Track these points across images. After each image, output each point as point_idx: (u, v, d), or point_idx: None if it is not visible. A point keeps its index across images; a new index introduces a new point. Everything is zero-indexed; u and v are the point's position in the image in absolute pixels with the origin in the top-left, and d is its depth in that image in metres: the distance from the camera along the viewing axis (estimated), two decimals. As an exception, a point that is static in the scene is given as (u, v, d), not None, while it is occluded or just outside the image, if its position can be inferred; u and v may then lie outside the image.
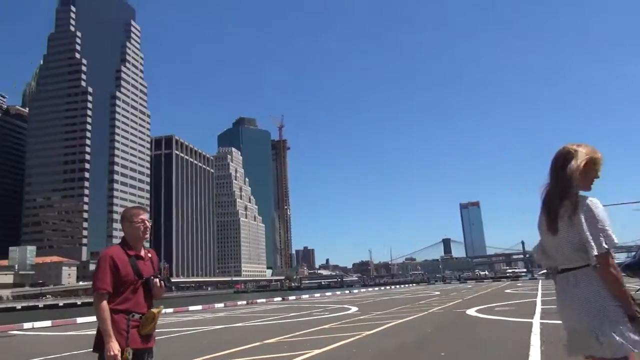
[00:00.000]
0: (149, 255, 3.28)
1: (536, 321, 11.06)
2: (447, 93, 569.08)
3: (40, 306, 71.82)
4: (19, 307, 69.29)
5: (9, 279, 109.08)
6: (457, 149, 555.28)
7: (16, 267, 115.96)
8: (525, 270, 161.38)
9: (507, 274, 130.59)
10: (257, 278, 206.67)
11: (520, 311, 14.43)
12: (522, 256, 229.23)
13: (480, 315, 13.77)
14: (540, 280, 60.04)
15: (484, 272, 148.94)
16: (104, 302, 2.97)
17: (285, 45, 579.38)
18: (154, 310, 3.07)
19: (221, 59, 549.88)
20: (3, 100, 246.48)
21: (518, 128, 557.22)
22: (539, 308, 15.11)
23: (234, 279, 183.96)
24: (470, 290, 36.55)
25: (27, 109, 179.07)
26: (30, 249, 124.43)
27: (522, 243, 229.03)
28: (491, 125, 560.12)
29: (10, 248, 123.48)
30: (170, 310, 27.25)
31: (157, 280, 3.14)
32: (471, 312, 15.18)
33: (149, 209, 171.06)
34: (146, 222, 3.25)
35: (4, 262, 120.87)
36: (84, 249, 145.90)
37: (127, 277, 3.02)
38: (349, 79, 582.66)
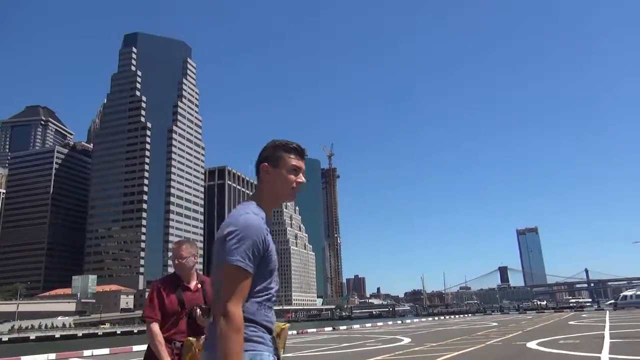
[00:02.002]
0: (199, 285, 3.38)
1: (604, 356, 10.31)
2: (502, 112, 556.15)
3: (99, 334, 74.23)
4: (80, 335, 71.82)
5: (71, 306, 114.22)
6: (512, 170, 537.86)
7: (78, 296, 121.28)
8: (590, 300, 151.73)
9: (571, 304, 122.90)
10: (307, 307, 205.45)
11: (587, 345, 13.50)
12: (586, 285, 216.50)
13: (543, 349, 12.94)
14: (607, 312, 56.10)
15: (543, 302, 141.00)
16: (155, 329, 3.11)
17: (336, 74, 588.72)
18: (191, 339, 3.12)
19: (271, 89, 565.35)
20: (70, 137, 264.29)
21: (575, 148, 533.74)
22: (607, 342, 14.08)
23: (284, 307, 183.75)
24: (530, 322, 34.66)
25: (92, 144, 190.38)
26: (92, 278, 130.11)
27: (586, 271, 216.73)
28: (548, 145, 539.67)
29: (74, 277, 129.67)
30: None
31: (198, 310, 3.21)
32: (532, 345, 14.34)
33: (202, 238, 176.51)
34: (187, 259, 3.34)
35: (68, 291, 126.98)
36: (141, 277, 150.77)
37: (171, 307, 3.17)
38: (397, 101, 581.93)
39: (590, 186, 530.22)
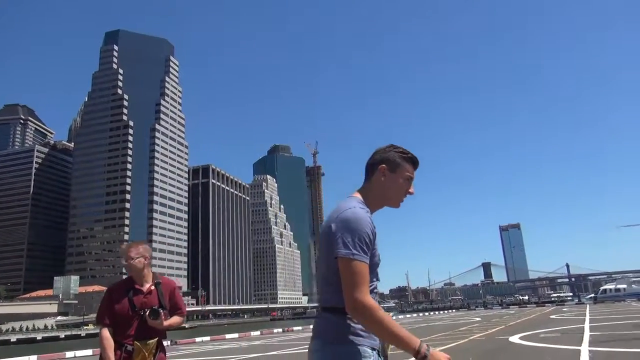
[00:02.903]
0: (152, 287, 3.36)
1: (584, 349, 10.50)
2: (484, 112, 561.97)
3: (82, 335, 73.22)
4: (62, 336, 70.74)
5: (53, 308, 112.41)
6: (495, 168, 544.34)
7: (60, 297, 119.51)
8: (571, 294, 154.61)
9: (552, 299, 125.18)
10: (293, 305, 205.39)
11: (568, 338, 13.75)
12: (567, 280, 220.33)
13: (525, 343, 13.15)
14: (587, 305, 57.22)
15: (525, 297, 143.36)
16: (103, 333, 3.14)
17: (319, 72, 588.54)
18: (138, 343, 3.16)
19: (255, 88, 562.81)
20: (51, 136, 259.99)
21: (561, 146, 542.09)
22: (587, 335, 14.36)
23: (270, 306, 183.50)
24: (512, 316, 35.18)
25: (73, 143, 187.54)
26: (74, 279, 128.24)
27: (567, 266, 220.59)
28: (530, 142, 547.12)
29: (55, 278, 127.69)
30: (207, 338, 27.49)
31: (148, 313, 3.21)
32: (515, 339, 14.56)
33: (186, 237, 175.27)
34: (136, 260, 3.33)
35: (50, 292, 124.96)
36: (124, 278, 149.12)
37: (121, 311, 3.18)
38: (382, 100, 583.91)
39: (571, 181, 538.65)
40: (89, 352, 20.51)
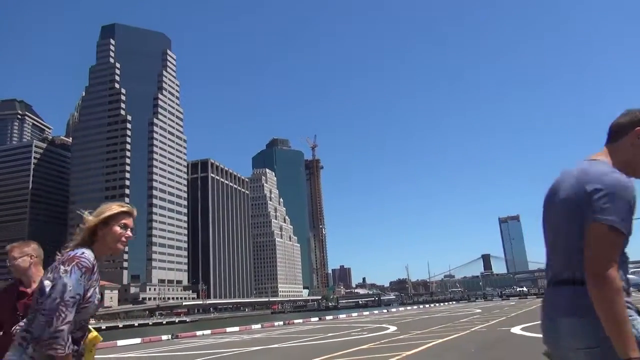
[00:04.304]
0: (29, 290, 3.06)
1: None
2: (484, 109, 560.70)
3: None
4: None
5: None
6: (494, 160, 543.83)
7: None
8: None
9: None
10: (293, 298, 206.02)
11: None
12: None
13: (527, 334, 13.11)
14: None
15: (521, 289, 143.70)
16: None
17: (317, 66, 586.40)
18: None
19: (253, 81, 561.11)
20: (49, 131, 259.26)
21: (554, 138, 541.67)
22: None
23: (270, 299, 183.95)
24: (513, 308, 35.21)
25: (71, 138, 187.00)
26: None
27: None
28: (530, 135, 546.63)
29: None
30: (208, 332, 27.46)
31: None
32: (516, 330, 14.53)
33: (186, 231, 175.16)
34: (20, 259, 3.13)
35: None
36: (125, 272, 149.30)
37: (4, 317, 2.94)
38: (384, 94, 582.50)
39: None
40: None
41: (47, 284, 2.15)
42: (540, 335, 1.55)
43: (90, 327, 2.48)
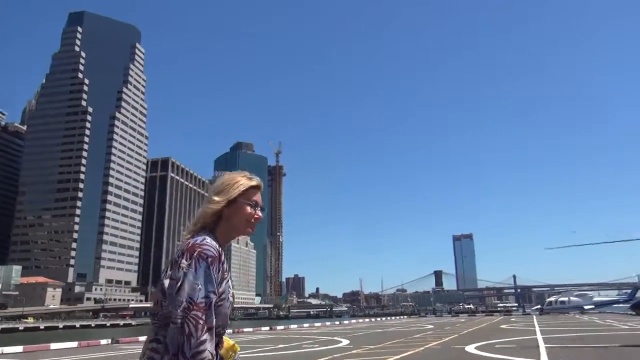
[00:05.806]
0: None
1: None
2: (440, 122, 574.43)
3: (20, 328, 69.46)
4: (-6, 330, 66.88)
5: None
6: (450, 179, 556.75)
7: (0, 287, 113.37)
8: (516, 304, 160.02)
9: (499, 308, 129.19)
10: (245, 305, 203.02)
11: (524, 349, 13.69)
12: (513, 290, 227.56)
13: (482, 354, 12.97)
14: (534, 316, 59.21)
15: (469, 306, 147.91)
16: None
17: (285, 70, 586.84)
18: None
19: (221, 83, 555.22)
20: (2, 117, 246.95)
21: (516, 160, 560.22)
22: (542, 346, 14.36)
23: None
24: (464, 325, 35.58)
25: (26, 126, 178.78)
26: (16, 269, 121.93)
27: (514, 277, 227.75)
28: (488, 155, 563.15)
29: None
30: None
31: None
32: (471, 349, 14.41)
33: (139, 230, 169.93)
34: None
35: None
36: (71, 270, 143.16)
37: None
38: (347, 106, 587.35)
39: (520, 195, 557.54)
40: (19, 348, 19.10)
41: (169, 283, 1.71)
42: (497, 356, 1.49)
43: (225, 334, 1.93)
